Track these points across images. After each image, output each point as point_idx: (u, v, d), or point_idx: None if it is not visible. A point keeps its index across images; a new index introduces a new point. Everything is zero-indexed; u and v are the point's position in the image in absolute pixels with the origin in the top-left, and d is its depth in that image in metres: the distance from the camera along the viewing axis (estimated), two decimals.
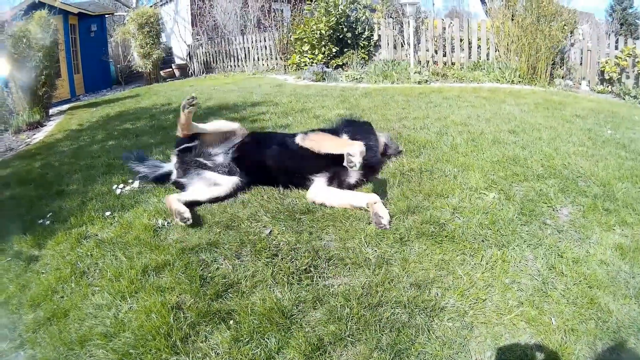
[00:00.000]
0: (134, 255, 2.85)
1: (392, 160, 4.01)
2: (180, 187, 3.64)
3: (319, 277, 2.51)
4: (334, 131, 3.66)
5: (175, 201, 3.22)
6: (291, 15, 14.89)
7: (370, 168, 3.54)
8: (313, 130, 3.73)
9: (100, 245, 3.07)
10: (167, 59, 18.07)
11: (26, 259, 3.13)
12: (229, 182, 3.52)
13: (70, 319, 2.44)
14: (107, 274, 2.70)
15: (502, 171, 3.72)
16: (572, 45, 9.62)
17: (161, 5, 19.84)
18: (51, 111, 10.39)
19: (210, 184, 3.53)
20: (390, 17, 11.72)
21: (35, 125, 8.81)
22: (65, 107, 11.55)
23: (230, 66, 15.82)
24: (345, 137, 3.51)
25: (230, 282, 2.51)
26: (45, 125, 8.93)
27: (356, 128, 3.76)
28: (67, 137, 7.10)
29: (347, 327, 2.14)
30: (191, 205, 3.31)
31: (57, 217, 3.68)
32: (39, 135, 7.93)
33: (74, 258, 2.97)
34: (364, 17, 11.90)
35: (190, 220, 3.07)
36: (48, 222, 3.64)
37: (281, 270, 2.55)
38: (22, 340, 2.39)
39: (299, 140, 3.46)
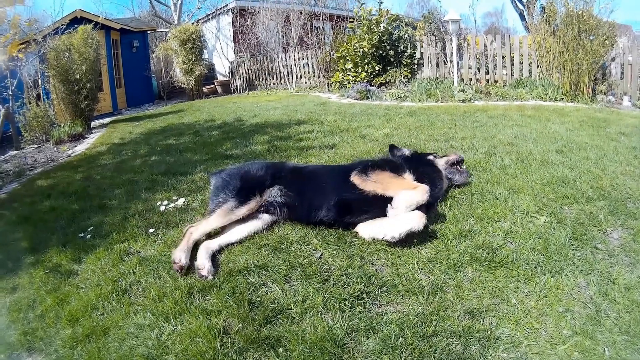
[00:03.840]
0: (179, 275, 2.80)
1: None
2: None
3: (372, 304, 2.42)
4: (393, 165, 3.34)
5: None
6: (333, 33, 14.96)
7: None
8: (372, 167, 3.18)
9: (143, 263, 3.04)
10: (209, 75, 18.43)
11: (65, 273, 3.12)
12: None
13: (110, 337, 2.39)
14: (151, 294, 2.65)
15: (552, 193, 3.65)
16: (612, 60, 9.32)
17: (203, 22, 20.34)
18: (93, 124, 10.68)
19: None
20: (433, 34, 11.65)
21: (77, 137, 9.04)
22: (107, 120, 11.87)
23: (273, 83, 16.01)
24: (409, 176, 3.23)
25: (279, 307, 2.42)
26: (87, 138, 9.16)
27: (421, 166, 3.47)
28: (109, 151, 7.23)
29: (401, 358, 2.04)
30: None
31: (98, 231, 3.69)
32: (81, 147, 8.11)
33: (116, 275, 2.94)
34: (406, 35, 11.88)
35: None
36: (89, 236, 3.64)
37: (333, 297, 2.45)
38: (58, 356, 2.35)
39: (356, 180, 3.10)
